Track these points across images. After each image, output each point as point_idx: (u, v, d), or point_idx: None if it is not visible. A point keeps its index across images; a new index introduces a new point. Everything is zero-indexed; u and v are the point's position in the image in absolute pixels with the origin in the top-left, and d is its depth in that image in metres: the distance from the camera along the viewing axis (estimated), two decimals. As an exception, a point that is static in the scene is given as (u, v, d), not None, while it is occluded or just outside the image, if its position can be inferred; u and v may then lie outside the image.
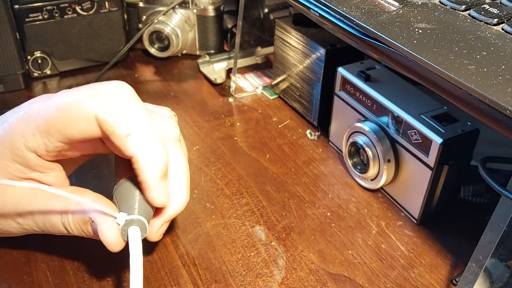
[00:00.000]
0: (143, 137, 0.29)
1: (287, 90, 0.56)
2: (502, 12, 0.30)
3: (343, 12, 0.33)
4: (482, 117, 0.26)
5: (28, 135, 0.30)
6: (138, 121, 0.30)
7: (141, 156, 0.29)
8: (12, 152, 0.30)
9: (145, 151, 0.29)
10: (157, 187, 0.30)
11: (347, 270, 0.37)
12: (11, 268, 0.36)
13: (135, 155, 0.29)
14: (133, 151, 0.29)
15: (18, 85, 0.57)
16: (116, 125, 0.29)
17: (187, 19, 0.64)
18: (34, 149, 0.30)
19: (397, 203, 0.43)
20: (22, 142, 0.30)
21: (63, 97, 0.30)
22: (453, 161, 0.38)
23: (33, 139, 0.30)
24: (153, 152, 0.30)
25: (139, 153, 0.29)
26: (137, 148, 0.29)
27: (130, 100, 0.30)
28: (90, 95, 0.29)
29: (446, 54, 0.27)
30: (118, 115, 0.29)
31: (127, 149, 0.29)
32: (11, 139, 0.30)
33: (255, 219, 0.41)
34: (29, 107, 0.31)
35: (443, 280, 0.37)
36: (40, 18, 0.56)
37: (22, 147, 0.30)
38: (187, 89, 0.60)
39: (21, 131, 0.30)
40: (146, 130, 0.30)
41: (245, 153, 0.49)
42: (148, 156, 0.29)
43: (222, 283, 0.36)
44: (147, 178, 0.30)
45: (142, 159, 0.29)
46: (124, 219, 0.30)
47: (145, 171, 0.30)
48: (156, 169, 0.30)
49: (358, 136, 0.43)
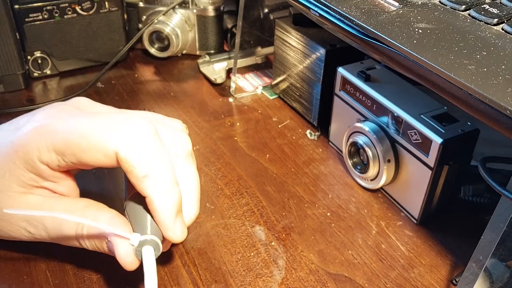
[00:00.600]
0: (160, 180, 0.30)
1: (287, 90, 0.56)
2: (502, 12, 0.30)
3: (343, 12, 0.33)
4: (482, 117, 0.25)
5: (43, 149, 0.30)
6: (156, 163, 0.30)
7: (156, 198, 0.30)
8: (25, 162, 0.31)
9: (160, 194, 0.30)
10: (172, 226, 0.31)
11: (347, 270, 0.37)
12: (11, 268, 0.36)
13: (150, 196, 0.30)
14: (148, 192, 0.30)
15: (18, 85, 0.57)
16: (135, 165, 0.29)
17: (187, 19, 0.64)
18: (47, 163, 0.31)
19: (397, 203, 0.43)
20: (36, 155, 0.30)
21: (86, 122, 0.30)
22: (453, 161, 0.38)
23: (48, 154, 0.30)
24: (167, 194, 0.30)
25: (154, 195, 0.30)
26: (153, 190, 0.30)
27: (151, 141, 0.31)
28: (113, 128, 0.30)
29: (446, 54, 0.27)
30: (138, 156, 0.29)
31: (143, 189, 0.30)
32: (25, 149, 0.30)
33: (255, 219, 0.41)
34: (47, 121, 0.31)
35: (443, 280, 0.37)
36: (40, 18, 0.56)
37: (35, 159, 0.30)
38: (187, 89, 0.60)
39: (36, 144, 0.30)
40: (163, 173, 0.30)
41: (245, 153, 0.49)
42: (163, 199, 0.30)
43: (222, 283, 0.36)
44: (162, 218, 0.30)
45: (157, 201, 0.30)
46: (137, 240, 0.30)
47: (160, 212, 0.30)
48: (171, 210, 0.30)
49: (358, 136, 0.43)
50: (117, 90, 0.59)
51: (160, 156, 0.31)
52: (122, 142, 0.29)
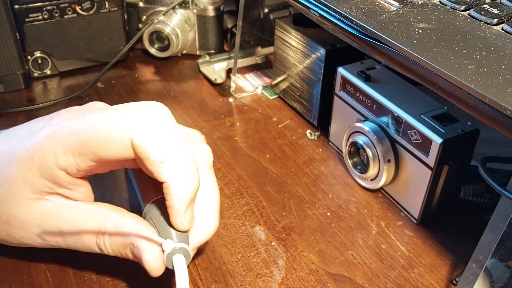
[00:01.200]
0: (177, 165, 0.29)
1: (287, 90, 0.56)
2: (502, 12, 0.30)
3: (343, 12, 0.33)
4: (482, 117, 0.25)
5: (59, 154, 0.29)
6: (173, 147, 0.29)
7: (173, 184, 0.29)
8: (42, 169, 0.30)
9: (177, 179, 0.29)
10: (183, 214, 0.30)
11: (347, 270, 0.37)
12: (11, 268, 0.36)
13: (167, 181, 0.29)
14: (165, 178, 0.29)
15: (18, 85, 0.57)
16: (151, 150, 0.28)
17: (187, 19, 0.64)
18: (65, 168, 0.30)
19: (397, 203, 0.43)
20: (53, 161, 0.29)
21: (97, 116, 0.29)
22: (453, 161, 0.38)
23: (65, 159, 0.29)
24: (185, 181, 0.29)
25: (171, 180, 0.29)
26: (170, 175, 0.29)
27: (166, 124, 0.30)
28: (125, 116, 0.29)
29: (446, 54, 0.27)
30: (153, 141, 0.28)
31: (160, 175, 0.29)
32: (41, 155, 0.29)
33: (255, 219, 0.41)
34: (61, 124, 0.30)
35: (443, 280, 0.37)
36: (40, 18, 0.56)
37: (53, 165, 0.29)
38: (187, 89, 0.60)
39: (52, 149, 0.29)
40: (180, 157, 0.29)
41: (245, 153, 0.49)
42: (180, 184, 0.29)
43: (222, 283, 0.36)
44: (176, 204, 0.29)
45: (173, 187, 0.29)
46: (171, 247, 0.29)
47: (175, 198, 0.29)
48: (186, 197, 0.29)
49: (358, 136, 0.43)
50: (117, 90, 0.59)
51: (176, 140, 0.29)
52: (136, 129, 0.28)
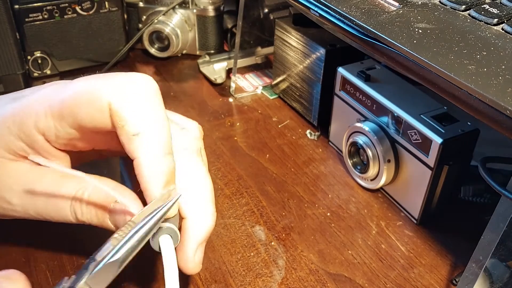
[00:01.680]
0: (152, 141, 0.27)
1: (287, 90, 0.56)
2: (502, 12, 0.30)
3: (343, 12, 0.33)
4: (482, 117, 0.25)
5: (40, 114, 0.28)
6: (151, 122, 0.27)
7: (145, 161, 0.27)
8: (21, 129, 0.28)
9: (150, 157, 0.27)
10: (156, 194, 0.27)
11: (347, 270, 0.37)
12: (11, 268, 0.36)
13: (138, 157, 0.27)
14: (137, 153, 0.27)
15: (18, 85, 0.57)
16: (126, 120, 0.27)
17: (187, 19, 0.64)
18: (43, 131, 0.28)
19: (397, 203, 0.43)
20: (33, 121, 0.28)
21: (82, 81, 0.28)
22: (453, 161, 0.38)
23: (45, 120, 0.28)
24: (159, 159, 0.27)
25: (143, 157, 0.27)
26: (142, 151, 0.27)
27: (150, 97, 0.28)
28: (109, 82, 0.28)
29: (446, 54, 0.27)
30: (131, 111, 0.27)
31: (132, 149, 0.27)
32: (22, 115, 0.28)
33: (255, 219, 0.41)
34: (46, 89, 0.29)
35: (443, 280, 0.37)
36: (40, 18, 0.56)
37: (32, 126, 0.28)
38: (187, 89, 0.60)
39: (35, 110, 0.28)
40: (157, 134, 0.27)
41: (245, 153, 0.49)
42: (152, 162, 0.27)
43: (222, 283, 0.36)
44: (149, 186, 0.27)
45: (145, 164, 0.27)
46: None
47: (147, 177, 0.27)
48: (159, 177, 0.27)
49: (358, 136, 0.43)
50: (117, 90, 0.59)
51: (157, 116, 0.28)
52: (116, 94, 0.27)
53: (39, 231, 0.38)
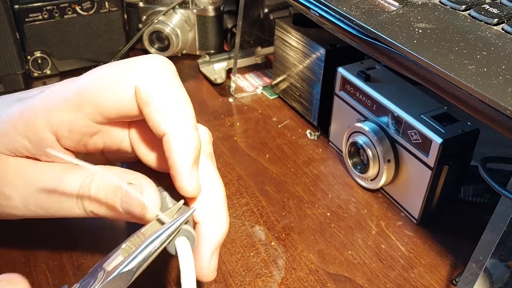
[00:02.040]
0: (178, 115, 0.27)
1: (287, 90, 0.56)
2: (502, 12, 0.30)
3: (343, 12, 0.33)
4: (482, 117, 0.25)
5: (52, 109, 0.27)
6: (175, 97, 0.28)
7: (174, 135, 0.27)
8: (29, 128, 0.28)
9: (178, 130, 0.27)
10: (189, 173, 0.27)
11: (347, 270, 0.37)
12: (11, 268, 0.36)
13: (167, 132, 0.27)
14: (165, 128, 0.27)
15: (18, 85, 0.57)
16: (152, 96, 0.27)
17: (187, 19, 0.64)
18: (56, 128, 0.28)
19: (397, 203, 0.43)
20: (44, 118, 0.27)
21: (102, 69, 0.28)
22: (453, 161, 0.38)
23: (58, 114, 0.27)
24: (187, 132, 0.27)
25: (172, 131, 0.27)
26: (171, 125, 0.27)
27: (173, 77, 0.29)
28: (132, 65, 0.28)
29: (446, 54, 0.27)
30: (156, 87, 0.27)
31: (160, 124, 0.27)
32: (31, 114, 0.28)
33: (255, 219, 0.41)
34: (56, 86, 0.29)
35: (443, 280, 0.37)
36: (40, 18, 0.56)
37: (43, 124, 0.27)
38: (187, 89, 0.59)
39: (45, 108, 0.28)
40: (182, 108, 0.28)
41: (244, 153, 0.49)
42: (181, 136, 0.27)
43: (221, 283, 0.36)
44: (180, 160, 0.27)
45: (175, 138, 0.27)
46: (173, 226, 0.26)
47: (178, 152, 0.27)
48: (190, 151, 0.27)
49: (358, 136, 0.43)
50: (117, 90, 0.59)
51: (179, 91, 0.28)
52: (141, 75, 0.27)
53: (39, 231, 0.38)
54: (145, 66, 0.28)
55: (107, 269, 0.25)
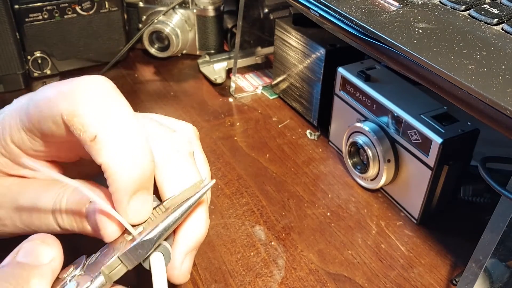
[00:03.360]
0: (115, 141, 0.25)
1: (287, 90, 0.56)
2: (502, 12, 0.30)
3: (343, 12, 0.33)
4: (482, 117, 0.25)
5: (13, 128, 0.27)
6: (111, 121, 0.25)
7: (111, 164, 0.24)
8: (1, 144, 0.28)
9: (116, 159, 0.24)
10: (126, 203, 0.25)
11: (346, 270, 0.37)
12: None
13: (102, 163, 0.25)
14: (100, 159, 0.25)
15: (18, 85, 0.57)
16: (81, 127, 0.24)
17: (187, 19, 0.64)
18: (19, 145, 0.28)
19: (397, 203, 0.43)
20: (8, 134, 0.27)
21: (40, 92, 0.27)
22: (453, 161, 0.38)
23: (18, 134, 0.27)
24: (127, 160, 0.25)
25: (108, 161, 0.24)
26: (106, 155, 0.24)
27: (104, 97, 0.25)
28: (60, 91, 0.25)
29: (446, 54, 0.27)
30: (85, 116, 0.25)
31: (94, 156, 0.25)
32: (1, 130, 0.28)
33: (255, 219, 0.41)
34: (23, 99, 0.29)
35: (443, 280, 0.37)
36: (40, 18, 0.56)
37: (8, 139, 0.27)
38: (187, 89, 0.60)
39: (9, 123, 0.28)
40: (121, 134, 0.25)
41: (244, 153, 0.49)
42: (119, 165, 0.24)
43: (221, 283, 0.36)
44: (115, 190, 0.25)
45: (111, 168, 0.24)
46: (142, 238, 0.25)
47: (114, 182, 0.25)
48: (127, 182, 0.25)
49: (358, 136, 0.43)
50: (117, 90, 0.59)
51: (116, 115, 0.25)
52: (66, 103, 0.25)
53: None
54: (71, 92, 0.25)
55: (127, 239, 0.26)
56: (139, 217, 0.26)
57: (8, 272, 0.23)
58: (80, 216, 0.27)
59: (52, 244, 0.25)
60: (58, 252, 0.25)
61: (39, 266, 0.24)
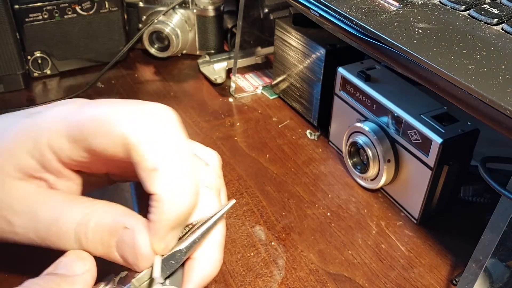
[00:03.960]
0: (173, 176, 0.26)
1: (287, 90, 0.56)
2: (502, 12, 0.30)
3: (343, 12, 0.33)
4: (482, 117, 0.26)
5: (54, 133, 0.27)
6: (171, 156, 0.26)
7: (164, 197, 0.25)
8: (35, 146, 0.27)
9: (169, 192, 0.26)
10: (164, 234, 0.26)
11: (347, 270, 0.37)
12: (11, 268, 0.36)
13: (157, 193, 0.26)
14: (155, 189, 0.25)
15: (18, 85, 0.57)
16: (143, 154, 0.25)
17: (187, 19, 0.64)
18: (55, 151, 0.27)
19: (397, 203, 0.43)
20: (47, 139, 0.27)
21: (100, 107, 0.27)
22: (453, 161, 0.38)
23: (58, 140, 0.27)
24: (179, 196, 0.26)
25: (162, 193, 0.25)
26: (161, 187, 0.25)
27: (169, 129, 0.27)
28: (126, 113, 0.26)
29: (446, 54, 0.27)
30: (149, 145, 0.25)
31: (150, 184, 0.26)
32: (36, 132, 0.27)
33: (255, 219, 0.41)
34: (65, 106, 0.28)
35: (443, 280, 0.37)
36: (40, 18, 0.56)
37: (45, 143, 0.27)
38: (187, 89, 0.60)
39: (49, 127, 0.27)
40: (178, 169, 0.26)
41: (245, 153, 0.49)
42: (171, 198, 0.26)
43: (222, 283, 0.36)
44: (160, 220, 0.26)
45: (163, 200, 0.26)
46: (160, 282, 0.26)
47: (162, 213, 0.26)
48: (175, 215, 0.26)
49: (358, 136, 0.43)
50: (117, 90, 0.59)
51: (178, 151, 0.26)
52: (134, 128, 0.25)
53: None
54: (140, 117, 0.26)
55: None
56: (166, 250, 0.27)
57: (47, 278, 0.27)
58: (109, 240, 0.27)
59: (86, 258, 0.27)
60: (91, 266, 0.27)
61: (72, 276, 0.26)
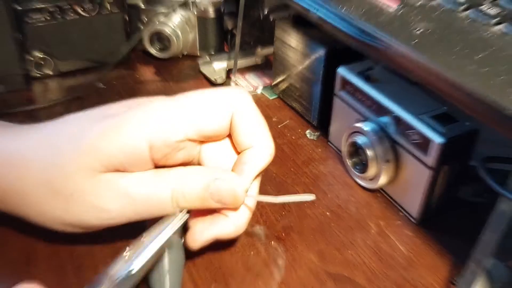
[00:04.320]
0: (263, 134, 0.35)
1: (287, 90, 0.56)
2: (501, 12, 0.30)
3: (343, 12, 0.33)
4: (482, 117, 0.26)
5: (153, 123, 0.31)
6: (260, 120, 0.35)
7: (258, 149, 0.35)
8: (127, 142, 0.31)
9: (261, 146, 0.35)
10: (250, 181, 0.34)
11: (346, 270, 0.37)
12: (11, 268, 0.36)
13: (255, 146, 0.34)
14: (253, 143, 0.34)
15: (19, 86, 0.57)
16: (245, 120, 0.34)
17: (188, 21, 0.64)
18: (153, 140, 0.31)
19: (397, 203, 0.43)
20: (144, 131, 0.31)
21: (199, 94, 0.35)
22: (452, 161, 0.38)
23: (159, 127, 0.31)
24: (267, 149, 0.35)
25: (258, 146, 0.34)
26: (257, 141, 0.34)
27: (253, 104, 0.36)
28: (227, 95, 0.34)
29: (446, 54, 0.27)
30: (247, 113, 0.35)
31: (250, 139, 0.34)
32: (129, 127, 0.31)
33: (255, 219, 0.41)
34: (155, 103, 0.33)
35: (443, 280, 0.37)
36: (42, 19, 0.56)
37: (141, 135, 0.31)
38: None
39: (145, 120, 0.31)
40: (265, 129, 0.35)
41: (245, 154, 0.49)
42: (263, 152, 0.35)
43: (221, 283, 0.36)
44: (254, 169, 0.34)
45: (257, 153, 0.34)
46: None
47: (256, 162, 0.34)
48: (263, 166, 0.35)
49: (358, 136, 0.43)
50: (118, 90, 0.59)
51: (262, 117, 0.36)
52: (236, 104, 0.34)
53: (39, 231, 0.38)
54: (238, 96, 0.35)
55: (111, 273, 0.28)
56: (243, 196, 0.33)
57: None
58: (204, 193, 0.32)
59: None
60: None
61: None
